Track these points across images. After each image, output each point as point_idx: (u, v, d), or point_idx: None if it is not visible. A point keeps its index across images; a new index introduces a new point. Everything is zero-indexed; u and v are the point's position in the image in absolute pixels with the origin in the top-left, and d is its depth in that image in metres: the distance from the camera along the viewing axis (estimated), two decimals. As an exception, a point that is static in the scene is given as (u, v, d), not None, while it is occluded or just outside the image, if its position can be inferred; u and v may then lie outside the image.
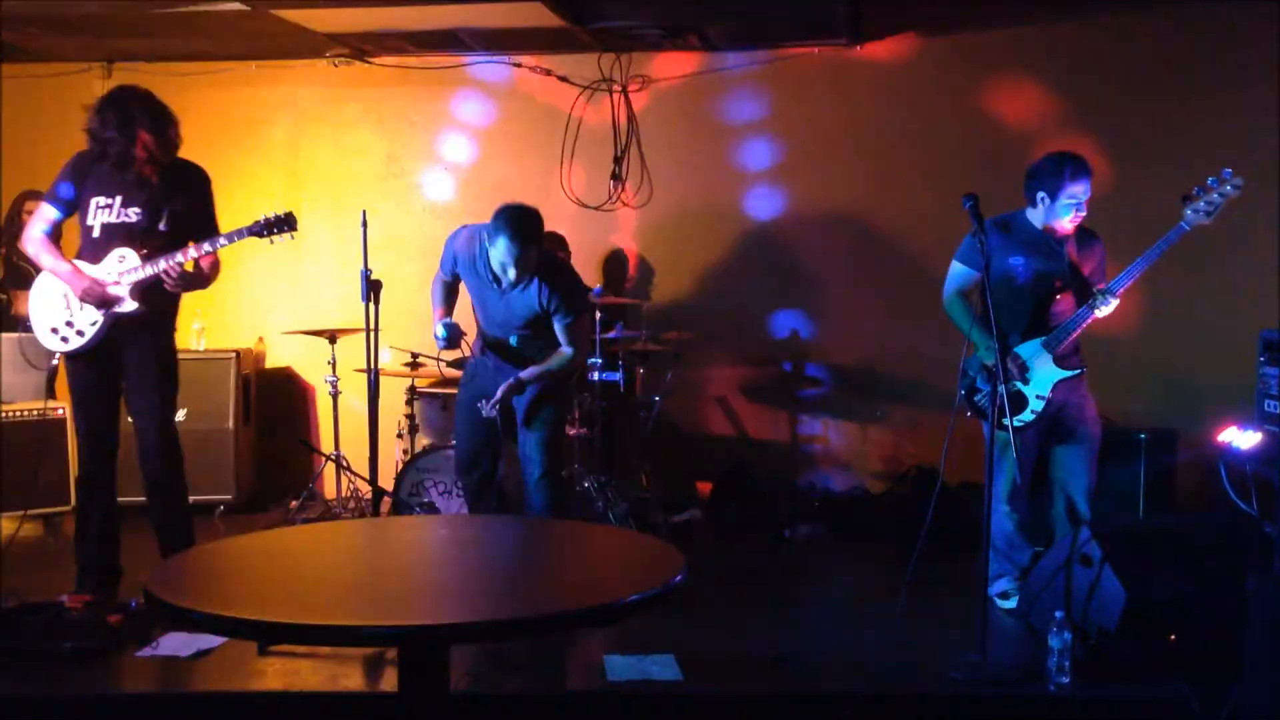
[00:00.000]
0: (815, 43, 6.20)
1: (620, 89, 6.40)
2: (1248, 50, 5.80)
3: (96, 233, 4.33)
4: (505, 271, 4.26)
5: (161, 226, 4.34)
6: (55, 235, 4.40)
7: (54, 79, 6.12)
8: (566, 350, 4.49)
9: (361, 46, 6.38)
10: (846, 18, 5.85)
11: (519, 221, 4.19)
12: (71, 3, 5.41)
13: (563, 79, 6.42)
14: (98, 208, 4.32)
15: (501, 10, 5.53)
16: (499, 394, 4.43)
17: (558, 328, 4.44)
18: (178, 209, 4.38)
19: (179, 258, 4.28)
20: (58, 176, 4.38)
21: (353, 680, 3.66)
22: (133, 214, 4.31)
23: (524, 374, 4.46)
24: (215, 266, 4.45)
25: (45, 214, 4.37)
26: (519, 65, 6.43)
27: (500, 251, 4.19)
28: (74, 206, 4.37)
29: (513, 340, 4.50)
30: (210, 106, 6.65)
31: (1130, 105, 5.96)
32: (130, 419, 4.47)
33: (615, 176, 6.42)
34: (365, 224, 4.47)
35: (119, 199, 4.30)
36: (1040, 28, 6.04)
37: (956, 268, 4.49)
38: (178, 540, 4.44)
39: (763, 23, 5.96)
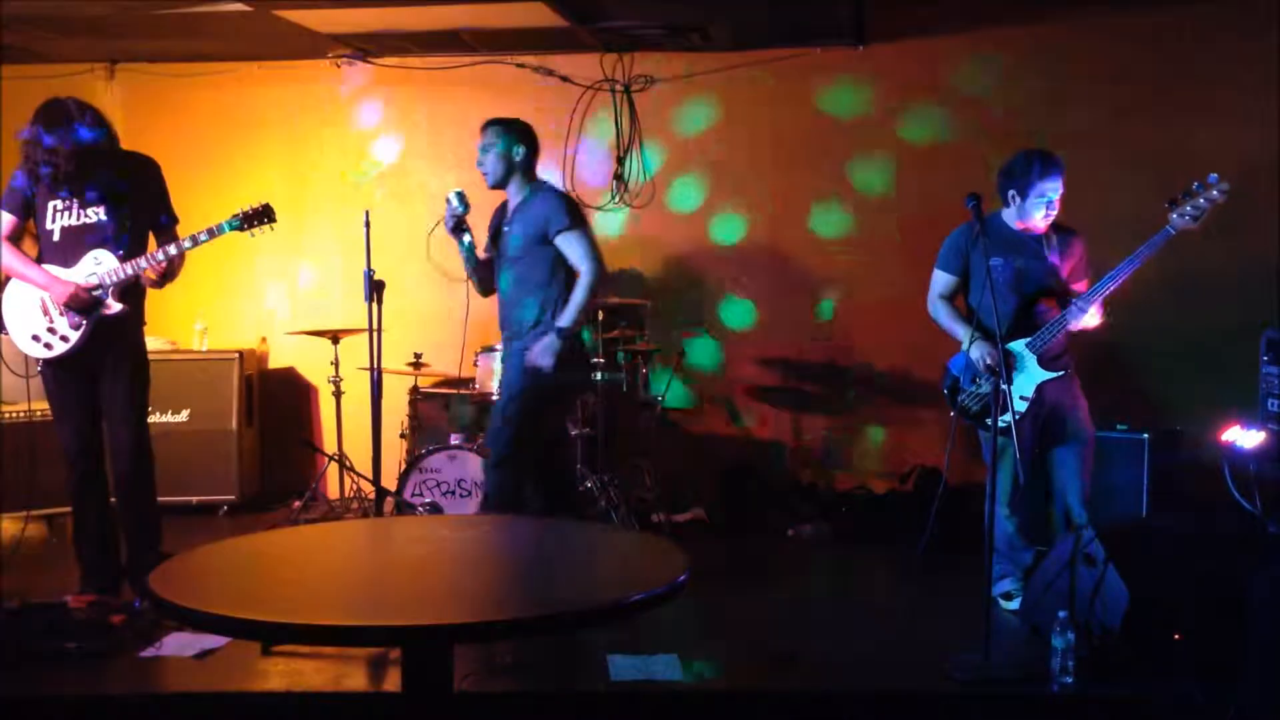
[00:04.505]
0: (818, 43, 6.20)
1: (623, 89, 6.41)
2: (1248, 49, 5.79)
3: (57, 236, 4.29)
4: (481, 167, 4.45)
5: (128, 223, 4.33)
6: (16, 241, 4.35)
7: (57, 80, 6.12)
8: (582, 268, 4.36)
9: (364, 47, 6.38)
10: (850, 18, 5.85)
11: (488, 119, 4.54)
12: (74, 4, 5.41)
13: (565, 79, 6.42)
14: (56, 211, 4.29)
15: (503, 10, 5.54)
16: (544, 355, 4.30)
17: (563, 243, 4.36)
18: (137, 203, 4.37)
19: (159, 255, 4.28)
20: (10, 181, 4.33)
21: (356, 680, 3.66)
22: (93, 214, 4.29)
23: (561, 322, 4.33)
24: (183, 258, 4.41)
25: (3, 221, 4.32)
26: (521, 65, 6.43)
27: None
28: (31, 211, 4.33)
29: (508, 280, 4.46)
30: (213, 107, 6.67)
31: (1131, 104, 5.96)
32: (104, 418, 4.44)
33: (618, 176, 6.42)
34: (368, 224, 4.47)
35: (76, 201, 4.28)
36: (1042, 28, 6.03)
37: (936, 273, 4.54)
38: (146, 540, 4.45)
39: (765, 23, 5.96)
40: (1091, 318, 4.24)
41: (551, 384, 4.37)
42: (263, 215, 4.41)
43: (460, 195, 4.51)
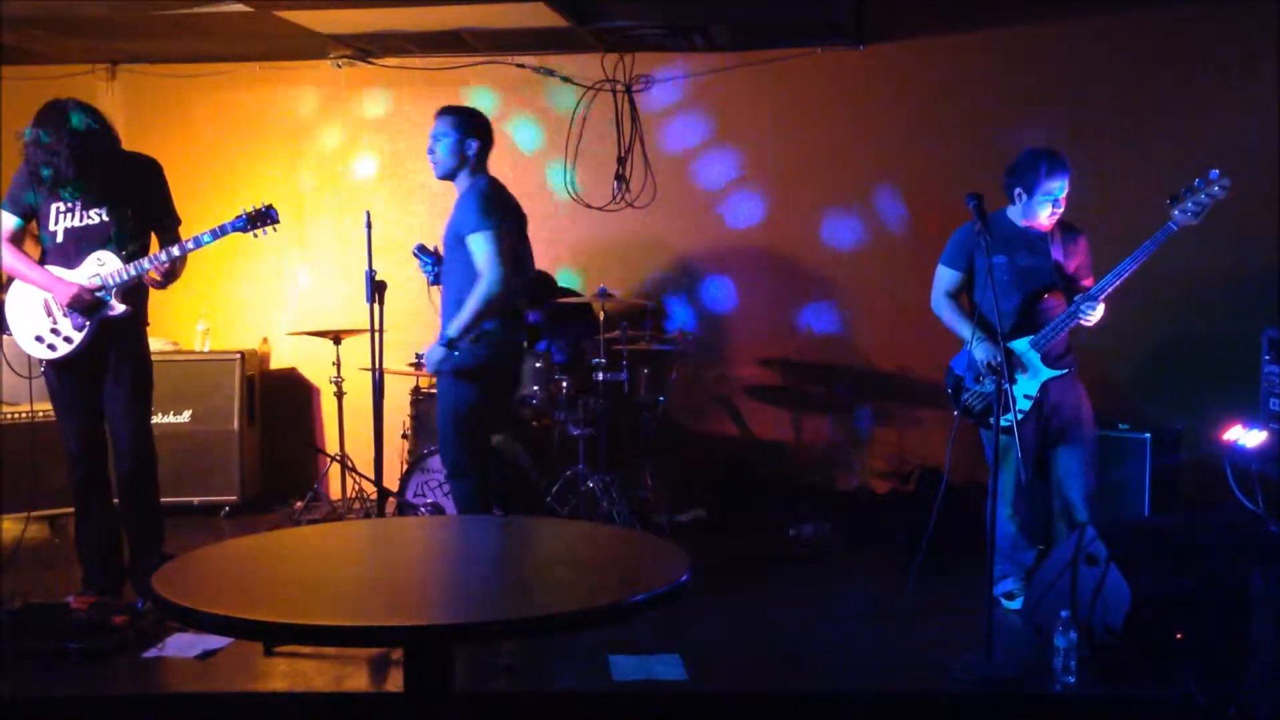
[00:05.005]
0: (819, 43, 6.20)
1: (623, 89, 6.41)
2: (1247, 47, 5.80)
3: (60, 238, 4.30)
4: (431, 156, 4.31)
5: (130, 224, 4.34)
6: (18, 243, 4.36)
7: (57, 81, 6.13)
8: (481, 275, 4.13)
9: (364, 47, 6.38)
10: (850, 18, 5.85)
11: (443, 106, 4.37)
12: (74, 4, 5.42)
13: (566, 79, 6.43)
14: (59, 213, 4.29)
15: (504, 11, 5.54)
16: (431, 360, 4.21)
17: (470, 245, 4.16)
18: (139, 204, 4.37)
19: (162, 256, 4.28)
20: (12, 183, 4.33)
21: (358, 681, 3.67)
22: (96, 215, 4.29)
23: (449, 331, 4.17)
24: (185, 259, 4.39)
25: (5, 222, 4.32)
26: (522, 66, 6.44)
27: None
28: (33, 212, 4.33)
29: (444, 277, 4.34)
30: (213, 108, 6.68)
31: (1131, 103, 5.96)
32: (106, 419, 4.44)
33: (619, 177, 6.42)
34: (369, 225, 4.47)
35: (79, 202, 4.28)
36: (1041, 27, 6.03)
37: (940, 270, 4.54)
38: (148, 541, 4.46)
39: (765, 23, 5.96)
40: (1095, 313, 4.24)
41: (482, 386, 4.29)
42: (266, 216, 4.42)
43: (421, 250, 4.45)
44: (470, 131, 4.30)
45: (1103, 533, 3.88)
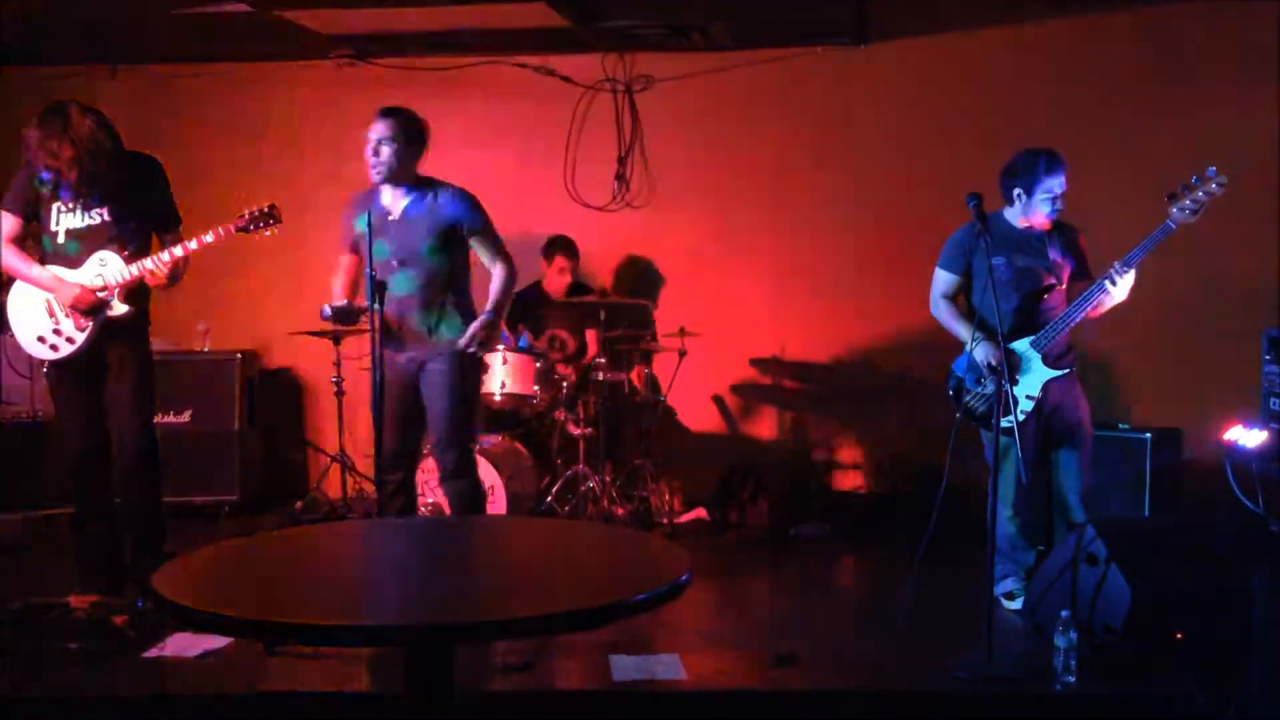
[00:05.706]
0: (819, 43, 6.20)
1: (624, 89, 6.41)
2: (1247, 47, 5.79)
3: (62, 238, 4.30)
4: (375, 157, 4.25)
5: (132, 224, 4.34)
6: (20, 244, 4.35)
7: (57, 80, 6.13)
8: (499, 267, 4.34)
9: (364, 47, 6.38)
10: (850, 18, 5.85)
11: (386, 107, 4.34)
12: (75, 4, 5.42)
13: (566, 79, 6.42)
14: (60, 213, 4.29)
15: (504, 11, 5.54)
16: (473, 334, 4.16)
17: (477, 242, 4.32)
18: (141, 204, 4.37)
19: (164, 255, 4.28)
20: (13, 183, 4.33)
21: (358, 681, 3.67)
22: (97, 215, 4.29)
23: (490, 306, 4.26)
24: (188, 259, 4.39)
25: (6, 223, 4.32)
26: (522, 66, 6.43)
27: (369, 144, 4.25)
28: (35, 213, 4.32)
29: (404, 279, 4.24)
30: (214, 107, 6.68)
31: (1130, 103, 5.96)
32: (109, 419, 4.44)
33: (619, 177, 6.42)
34: (370, 225, 4.46)
35: (80, 202, 4.28)
36: (1041, 27, 6.03)
37: (938, 273, 4.53)
38: (149, 540, 4.46)
39: (766, 23, 5.96)
40: (1122, 290, 4.20)
41: (475, 378, 4.32)
42: (268, 216, 4.43)
43: (334, 309, 4.35)
44: (417, 138, 4.32)
45: (1103, 532, 3.88)
